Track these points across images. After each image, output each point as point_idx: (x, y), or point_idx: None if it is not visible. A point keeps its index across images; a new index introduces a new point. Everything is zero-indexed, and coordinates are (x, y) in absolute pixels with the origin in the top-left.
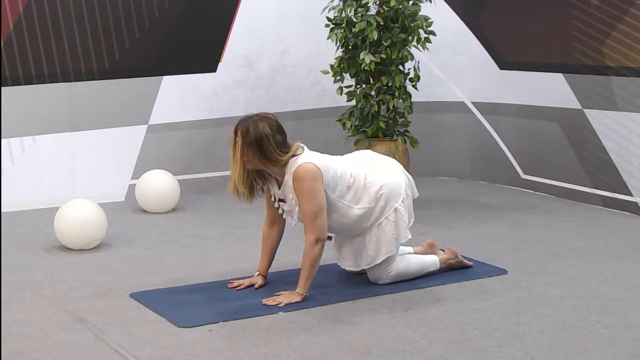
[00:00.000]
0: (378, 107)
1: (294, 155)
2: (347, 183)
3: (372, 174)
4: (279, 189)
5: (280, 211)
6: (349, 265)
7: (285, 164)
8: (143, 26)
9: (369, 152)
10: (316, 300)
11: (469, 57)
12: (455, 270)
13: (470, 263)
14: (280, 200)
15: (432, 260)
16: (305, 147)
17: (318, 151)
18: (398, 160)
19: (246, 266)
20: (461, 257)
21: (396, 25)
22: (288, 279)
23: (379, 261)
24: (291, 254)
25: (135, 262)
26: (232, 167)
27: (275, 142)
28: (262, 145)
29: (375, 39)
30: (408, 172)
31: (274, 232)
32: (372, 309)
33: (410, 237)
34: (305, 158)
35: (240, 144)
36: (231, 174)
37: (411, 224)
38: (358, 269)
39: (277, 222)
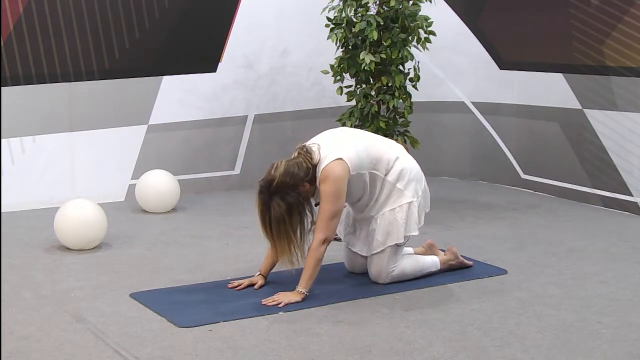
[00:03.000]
0: (378, 107)
1: (315, 165)
2: (377, 154)
3: (403, 157)
4: (312, 196)
5: None
6: (362, 250)
7: (314, 173)
8: (143, 26)
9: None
10: (316, 300)
11: (469, 57)
12: (455, 270)
13: (470, 263)
14: (317, 204)
15: (432, 261)
16: (321, 142)
17: None
18: None
19: (246, 266)
20: (461, 258)
21: (396, 25)
22: (288, 279)
23: (387, 245)
24: None
25: (135, 262)
26: (276, 249)
27: (301, 187)
28: (285, 224)
29: (375, 39)
30: None
31: None
32: (372, 309)
33: (417, 233)
34: (329, 157)
35: (268, 232)
36: (283, 249)
37: (420, 224)
38: (372, 251)
39: None
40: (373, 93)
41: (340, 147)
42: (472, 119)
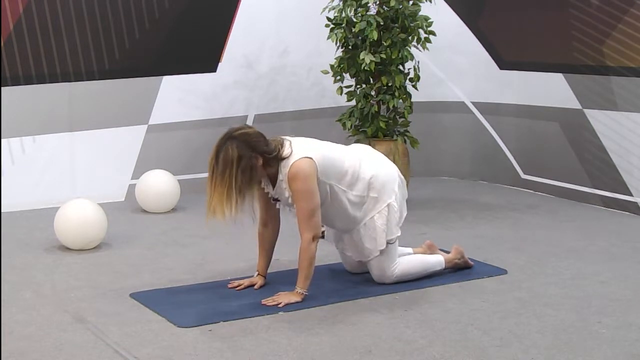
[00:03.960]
0: (378, 107)
1: (283, 158)
2: (341, 167)
3: (367, 163)
4: (273, 188)
5: (277, 206)
6: (355, 255)
7: (278, 164)
8: (143, 26)
9: (366, 146)
10: (316, 300)
11: (469, 57)
12: (459, 270)
13: (472, 263)
14: (275, 199)
15: (436, 260)
16: (293, 140)
17: None
18: (398, 160)
19: (246, 266)
20: (466, 257)
21: (396, 25)
22: (288, 279)
23: (375, 255)
24: (291, 254)
25: (135, 262)
26: (209, 193)
27: (261, 155)
28: (231, 172)
29: (375, 39)
30: (408, 172)
31: (269, 231)
32: (372, 309)
33: (399, 234)
34: (298, 153)
35: (214, 172)
36: (208, 200)
37: (402, 221)
38: (365, 259)
39: (271, 221)
40: (373, 93)
41: (311, 149)
42: (472, 119)
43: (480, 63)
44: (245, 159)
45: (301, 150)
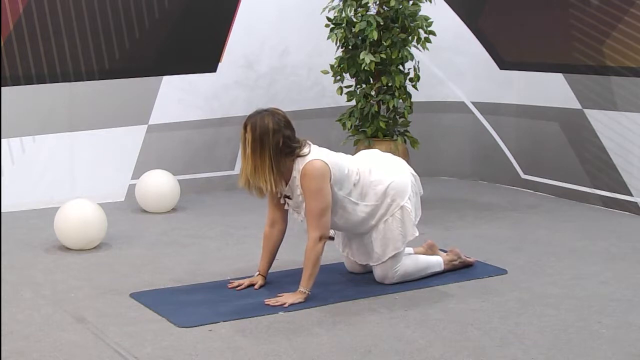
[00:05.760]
0: (378, 107)
1: (300, 155)
2: (353, 181)
3: (378, 173)
4: (286, 185)
5: (286, 207)
6: (362, 260)
7: (293, 160)
8: (143, 26)
9: (375, 151)
10: (316, 300)
11: (469, 57)
12: (458, 269)
13: (473, 260)
14: (286, 196)
15: (436, 261)
16: (313, 145)
17: None
18: None
19: (246, 266)
20: (464, 257)
21: (396, 25)
22: (288, 279)
23: (387, 257)
24: (292, 254)
25: (135, 262)
26: (243, 162)
27: (283, 138)
28: (267, 141)
29: (375, 39)
30: None
31: (275, 232)
32: (372, 309)
33: (417, 234)
34: (314, 155)
35: (249, 139)
36: (242, 169)
37: (417, 220)
38: (372, 263)
39: (278, 222)
40: (373, 93)
41: (327, 156)
42: (472, 119)
43: (480, 63)
44: (277, 133)
45: (318, 154)
